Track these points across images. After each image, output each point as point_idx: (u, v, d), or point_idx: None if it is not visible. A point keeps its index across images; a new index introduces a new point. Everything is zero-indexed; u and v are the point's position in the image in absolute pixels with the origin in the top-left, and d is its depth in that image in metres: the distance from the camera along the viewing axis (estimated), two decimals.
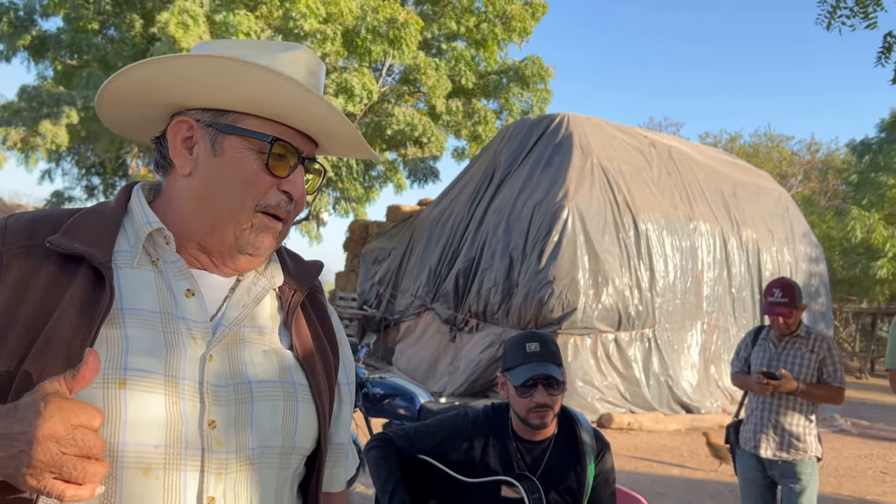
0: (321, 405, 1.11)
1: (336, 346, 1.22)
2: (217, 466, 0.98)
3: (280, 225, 1.09)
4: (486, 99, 15.76)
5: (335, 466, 1.26)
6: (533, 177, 10.93)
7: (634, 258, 10.14)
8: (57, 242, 0.98)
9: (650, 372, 9.95)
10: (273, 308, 1.16)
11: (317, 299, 1.24)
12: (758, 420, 4.04)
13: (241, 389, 1.03)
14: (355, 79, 12.42)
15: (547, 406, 2.28)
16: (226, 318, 1.07)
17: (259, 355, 1.08)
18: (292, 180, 1.08)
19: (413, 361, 11.93)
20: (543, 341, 2.38)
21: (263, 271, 1.15)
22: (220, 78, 1.02)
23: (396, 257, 13.92)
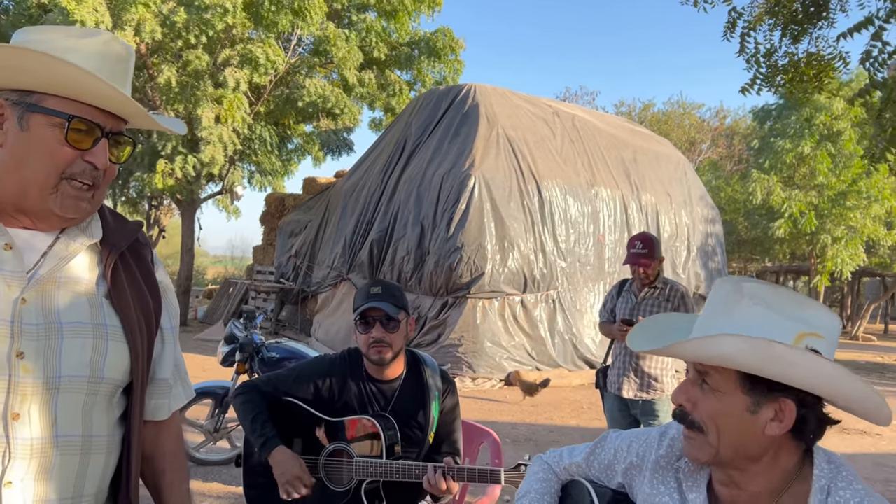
0: (133, 344, 1.31)
1: (158, 295, 1.41)
2: (22, 389, 1.18)
3: (89, 192, 1.27)
4: (399, 70, 15.83)
5: (159, 398, 1.47)
6: (442, 147, 11.16)
7: (539, 223, 10.53)
8: None
9: (555, 331, 10.42)
10: (93, 261, 1.34)
11: (140, 255, 1.42)
12: (621, 365, 4.43)
13: (52, 327, 1.23)
14: (259, 50, 12.31)
15: (383, 342, 2.49)
16: (42, 268, 1.25)
17: (72, 300, 1.27)
18: (94, 152, 1.25)
19: (331, 332, 12.09)
20: (385, 286, 2.60)
21: (85, 228, 1.33)
22: (20, 64, 1.20)
23: (312, 229, 13.97)
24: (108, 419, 1.31)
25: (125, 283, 1.34)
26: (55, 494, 1.22)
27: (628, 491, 1.44)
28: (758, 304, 1.19)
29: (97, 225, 1.35)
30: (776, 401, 1.17)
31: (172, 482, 1.48)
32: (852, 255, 20.20)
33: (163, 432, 1.49)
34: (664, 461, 1.37)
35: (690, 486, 1.32)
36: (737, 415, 1.19)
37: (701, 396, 1.23)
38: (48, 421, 1.20)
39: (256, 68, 12.31)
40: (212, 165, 13.31)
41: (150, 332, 1.37)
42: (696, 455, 1.26)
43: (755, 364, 1.14)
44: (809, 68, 4.31)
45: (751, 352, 1.12)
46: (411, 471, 2.43)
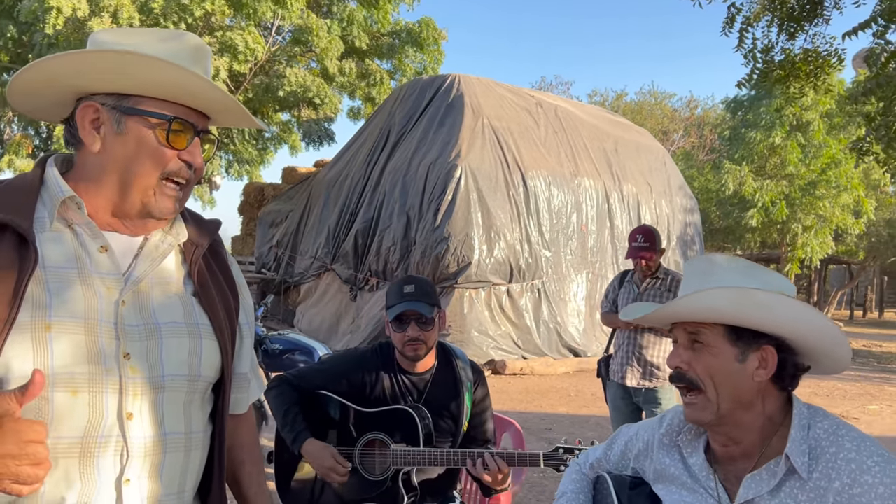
0: (223, 342, 1.35)
1: (236, 292, 1.45)
2: (133, 388, 1.22)
3: (181, 191, 1.31)
4: (379, 59, 15.76)
5: (239, 392, 1.51)
6: (427, 137, 11.16)
7: (524, 214, 10.62)
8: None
9: (540, 320, 10.54)
10: (178, 261, 1.37)
11: (218, 253, 1.46)
12: (624, 354, 4.53)
13: (151, 328, 1.26)
14: (238, 37, 12.16)
15: (419, 340, 2.56)
16: (136, 270, 1.28)
17: (166, 300, 1.30)
18: (191, 151, 1.28)
19: (315, 322, 12.08)
20: (419, 284, 2.66)
21: (169, 230, 1.36)
22: (118, 67, 1.22)
23: (294, 219, 13.89)
24: (202, 416, 1.36)
25: (209, 282, 1.38)
26: (164, 490, 1.26)
27: (641, 475, 1.59)
28: (730, 269, 1.39)
29: (181, 225, 1.38)
30: (760, 348, 1.35)
31: (251, 472, 1.53)
32: (821, 244, 20.68)
33: (241, 425, 1.53)
34: (666, 438, 1.52)
35: (690, 453, 1.47)
36: (728, 365, 1.35)
37: (694, 356, 1.38)
38: (157, 419, 1.25)
39: (236, 56, 12.17)
40: None
41: (233, 329, 1.41)
42: (698, 416, 1.39)
43: (740, 311, 1.32)
44: (805, 65, 4.44)
45: (736, 298, 1.30)
46: (449, 458, 2.49)
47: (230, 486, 1.53)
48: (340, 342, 10.87)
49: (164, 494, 1.26)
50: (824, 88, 4.90)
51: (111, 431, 1.19)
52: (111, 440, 1.19)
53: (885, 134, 4.01)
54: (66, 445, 1.16)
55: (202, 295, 1.35)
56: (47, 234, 1.23)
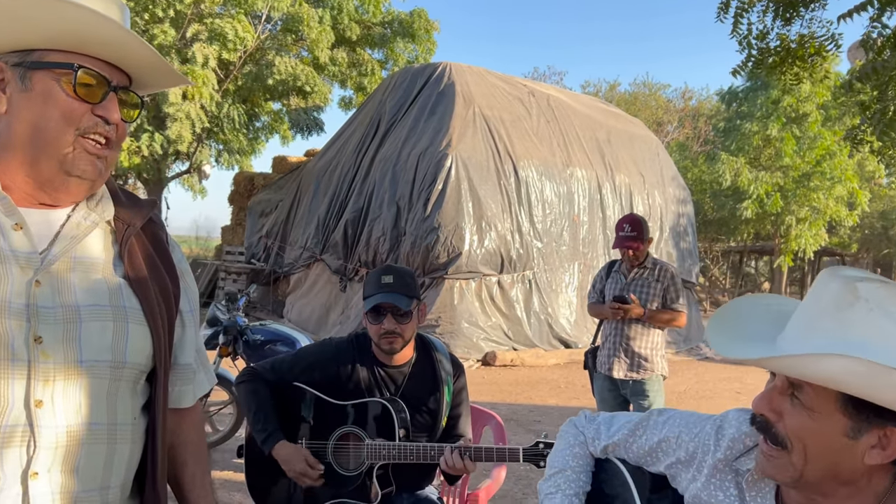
0: (154, 327, 1.25)
1: (177, 277, 1.35)
2: (44, 374, 1.12)
3: (103, 150, 1.20)
4: (370, 49, 15.60)
5: (182, 384, 1.40)
6: (417, 126, 11.05)
7: (515, 204, 10.52)
8: None
9: (531, 311, 10.46)
10: (108, 241, 1.28)
11: (155, 235, 1.35)
12: (611, 345, 4.44)
13: (70, 311, 1.16)
14: (228, 25, 12.01)
15: (395, 333, 2.47)
16: (55, 248, 1.19)
17: (89, 282, 1.21)
18: (105, 105, 1.19)
19: (304, 313, 11.98)
20: (397, 274, 2.56)
21: (95, 206, 1.26)
22: (15, 13, 1.11)
23: (284, 209, 13.77)
24: (132, 406, 1.25)
25: (142, 265, 1.29)
26: (82, 486, 1.16)
27: (671, 481, 1.34)
28: (874, 312, 1.01)
29: (108, 203, 1.29)
30: (882, 427, 1.02)
31: (195, 474, 1.42)
32: (815, 236, 20.66)
33: (185, 421, 1.43)
34: (722, 464, 1.24)
35: (754, 496, 1.21)
36: (832, 437, 1.04)
37: (790, 410, 1.07)
38: (72, 408, 1.15)
39: (225, 44, 12.02)
40: (179, 143, 13.02)
41: (171, 315, 1.32)
42: (774, 474, 1.12)
43: (868, 391, 0.99)
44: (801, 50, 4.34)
45: (867, 377, 0.96)
46: (426, 452, 2.40)
47: (171, 488, 1.42)
48: (330, 333, 10.76)
49: (81, 490, 1.16)
50: (821, 75, 4.79)
51: (17, 420, 1.09)
52: (17, 430, 1.09)
53: (881, 120, 3.91)
54: None
55: (133, 278, 1.26)
56: None
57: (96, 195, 1.28)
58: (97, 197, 1.28)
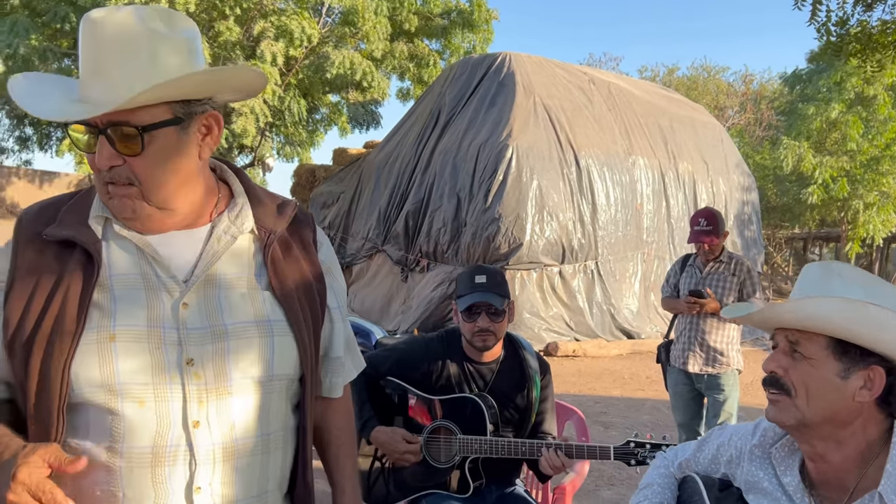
0: (300, 337, 1.29)
1: (322, 276, 1.39)
2: (198, 395, 1.19)
3: (127, 189, 1.18)
4: (428, 39, 15.66)
5: (334, 376, 1.48)
6: (478, 117, 11.07)
7: (577, 193, 10.48)
8: (51, 234, 1.20)
9: (593, 301, 10.42)
10: (251, 251, 1.31)
11: (300, 235, 1.38)
12: (686, 339, 4.43)
13: (217, 331, 1.22)
14: (294, 22, 12.22)
15: (489, 331, 2.56)
16: (198, 268, 1.24)
17: (233, 298, 1.25)
18: (97, 153, 1.16)
19: (367, 302, 12.19)
20: (490, 274, 2.64)
21: (235, 218, 1.30)
22: None
23: (345, 201, 13.98)
24: (284, 415, 1.32)
25: (286, 270, 1.32)
26: (242, 494, 1.25)
27: (731, 479, 1.53)
28: (847, 280, 1.29)
29: (247, 212, 1.32)
30: (867, 368, 1.25)
31: (338, 456, 1.50)
32: (884, 221, 19.92)
33: (334, 408, 1.51)
34: (758, 450, 1.45)
35: (784, 471, 1.39)
36: (828, 380, 1.26)
37: (792, 364, 1.30)
38: (227, 425, 1.22)
39: (292, 41, 12.23)
40: (243, 137, 13.33)
41: (316, 318, 1.36)
42: (780, 417, 1.31)
43: (850, 326, 1.22)
44: (883, 36, 4.21)
45: (849, 310, 1.20)
46: (517, 448, 2.47)
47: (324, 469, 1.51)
48: (392, 322, 10.95)
49: (241, 499, 1.24)
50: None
51: (179, 441, 1.18)
52: (179, 449, 1.19)
53: None
54: (139, 455, 1.16)
55: (277, 286, 1.29)
56: (112, 242, 1.24)
57: (237, 205, 1.32)
58: (237, 207, 1.32)
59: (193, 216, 1.28)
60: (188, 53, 1.19)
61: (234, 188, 1.36)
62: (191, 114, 1.20)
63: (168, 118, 1.17)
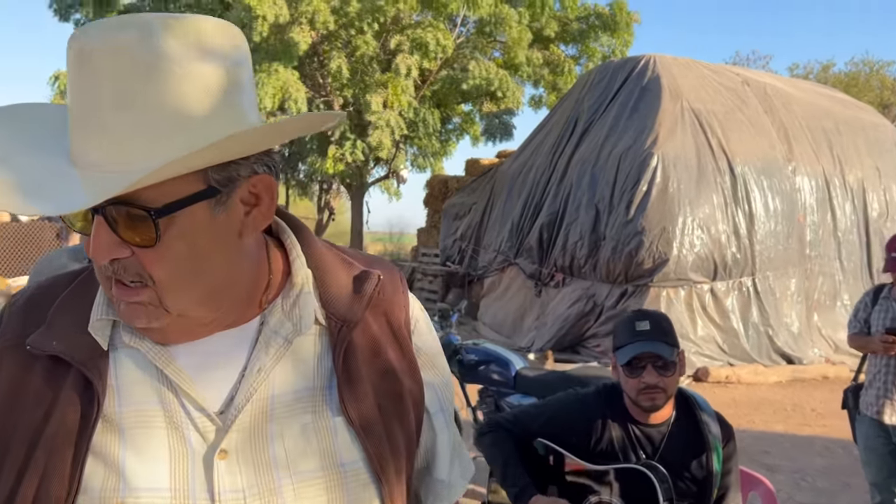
0: (386, 478, 0.92)
1: (416, 369, 1.00)
2: None
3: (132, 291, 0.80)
4: (564, 45, 15.21)
5: (437, 501, 1.09)
6: (618, 124, 10.54)
7: (731, 204, 9.70)
8: (36, 344, 0.84)
9: (749, 322, 9.59)
10: (316, 352, 0.93)
11: (388, 314, 0.99)
12: (881, 384, 3.78)
13: (268, 488, 0.86)
14: (430, 35, 12.19)
15: (657, 387, 2.18)
16: (239, 393, 0.86)
17: (292, 435, 0.88)
18: (91, 240, 0.79)
19: (498, 316, 11.91)
20: (654, 319, 2.27)
21: (291, 308, 0.91)
22: None
23: (477, 212, 13.80)
24: None
25: (366, 379, 0.93)
26: None
27: None
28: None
29: (308, 298, 0.92)
30: None
31: None
32: None
33: None
34: None
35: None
36: None
37: None
38: None
39: (427, 54, 12.22)
40: (379, 150, 13.45)
41: (409, 438, 0.97)
42: None
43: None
44: None
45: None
46: None
47: None
48: (525, 339, 10.59)
49: None
50: None
51: None
52: None
53: None
54: None
55: (354, 409, 0.90)
56: (123, 351, 0.87)
57: (294, 286, 0.93)
58: (294, 290, 0.92)
59: (235, 311, 0.90)
60: (230, 90, 0.79)
61: (291, 257, 0.96)
62: (231, 181, 0.81)
63: (197, 191, 0.79)
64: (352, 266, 0.99)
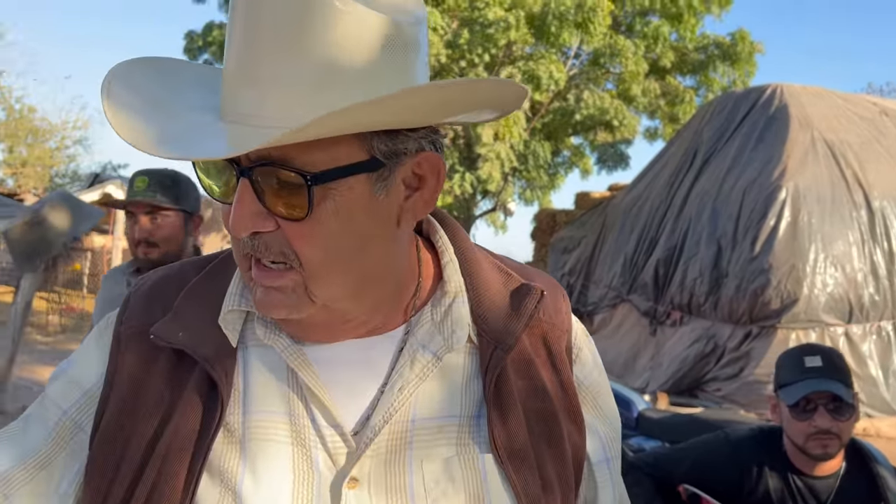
0: None
1: (577, 410, 0.85)
2: None
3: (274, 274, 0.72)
4: (682, 76, 14.80)
5: None
6: (742, 155, 10.07)
7: (868, 241, 9.00)
8: (160, 334, 0.77)
9: (889, 370, 8.81)
10: (466, 373, 0.81)
11: (546, 337, 0.86)
12: None
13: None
14: (542, 67, 12.14)
15: (830, 433, 1.92)
16: (377, 412, 0.76)
17: (434, 469, 0.76)
18: (232, 208, 0.69)
19: (610, 355, 11.49)
20: (827, 355, 2.02)
21: (440, 321, 0.80)
22: None
23: (587, 246, 13.50)
24: None
25: (521, 410, 0.80)
26: None
27: None
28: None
29: (462, 308, 0.81)
30: None
31: None
32: None
33: None
34: None
35: None
36: None
37: None
38: None
39: (539, 86, 12.17)
40: (489, 182, 13.44)
41: (567, 488, 0.82)
42: None
43: None
44: None
45: None
46: None
47: None
48: (638, 380, 10.14)
49: None
50: None
51: None
52: None
53: None
54: None
55: (505, 445, 0.78)
56: (255, 350, 0.79)
57: (446, 294, 0.82)
58: (446, 299, 0.82)
59: (380, 316, 0.80)
60: (404, 46, 0.69)
61: (443, 260, 0.85)
62: (396, 155, 0.71)
63: (359, 160, 0.69)
64: (510, 277, 0.88)
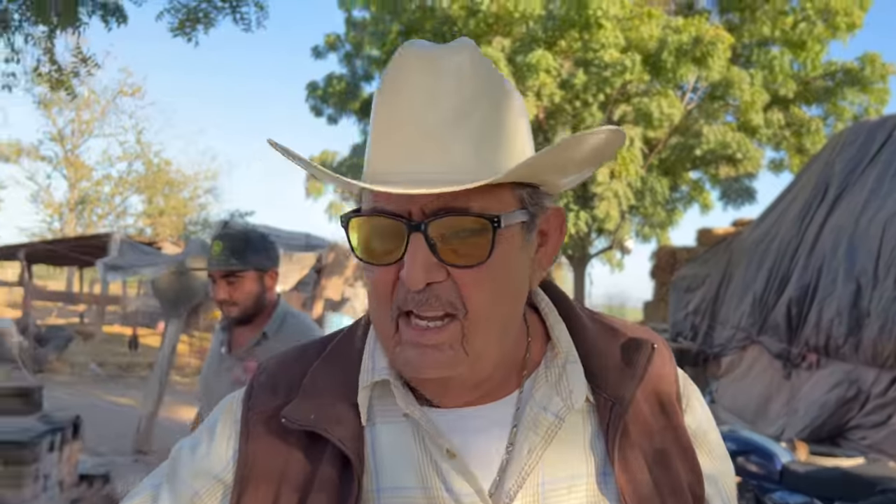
0: None
1: (692, 456, 0.86)
2: None
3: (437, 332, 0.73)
4: (806, 105, 14.12)
5: None
6: (881, 187, 9.44)
7: None
8: (292, 416, 0.80)
9: None
10: (586, 432, 0.83)
11: (656, 388, 0.87)
12: None
13: None
14: (654, 104, 11.95)
15: None
16: (508, 475, 0.78)
17: None
18: (405, 265, 0.72)
19: (739, 400, 10.94)
20: None
21: (557, 381, 0.82)
22: None
23: (712, 285, 13.00)
24: None
25: (643, 463, 0.81)
26: None
27: None
28: None
29: (575, 369, 0.82)
30: None
31: None
32: None
33: None
34: None
35: None
36: None
37: None
38: None
39: (651, 123, 11.99)
40: (606, 221, 13.27)
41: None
42: None
43: None
44: None
45: None
46: None
47: None
48: (773, 427, 9.56)
49: None
50: None
51: None
52: None
53: None
54: None
55: (632, 498, 0.79)
56: (384, 427, 0.81)
57: (557, 356, 0.84)
58: (558, 360, 0.84)
59: (496, 379, 0.82)
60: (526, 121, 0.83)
61: (549, 321, 0.87)
62: (539, 207, 0.78)
63: (519, 208, 0.75)
64: (616, 332, 0.90)
